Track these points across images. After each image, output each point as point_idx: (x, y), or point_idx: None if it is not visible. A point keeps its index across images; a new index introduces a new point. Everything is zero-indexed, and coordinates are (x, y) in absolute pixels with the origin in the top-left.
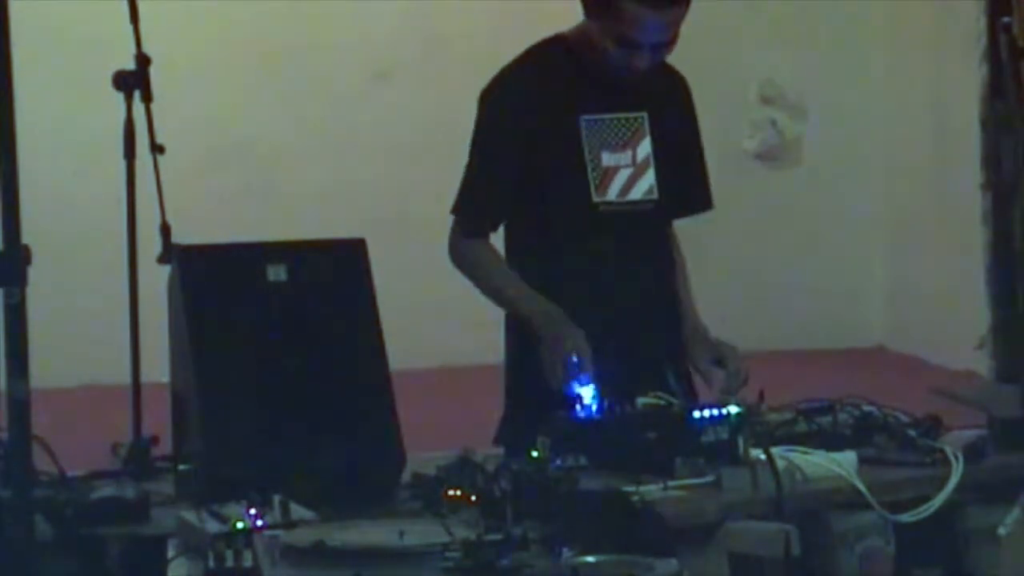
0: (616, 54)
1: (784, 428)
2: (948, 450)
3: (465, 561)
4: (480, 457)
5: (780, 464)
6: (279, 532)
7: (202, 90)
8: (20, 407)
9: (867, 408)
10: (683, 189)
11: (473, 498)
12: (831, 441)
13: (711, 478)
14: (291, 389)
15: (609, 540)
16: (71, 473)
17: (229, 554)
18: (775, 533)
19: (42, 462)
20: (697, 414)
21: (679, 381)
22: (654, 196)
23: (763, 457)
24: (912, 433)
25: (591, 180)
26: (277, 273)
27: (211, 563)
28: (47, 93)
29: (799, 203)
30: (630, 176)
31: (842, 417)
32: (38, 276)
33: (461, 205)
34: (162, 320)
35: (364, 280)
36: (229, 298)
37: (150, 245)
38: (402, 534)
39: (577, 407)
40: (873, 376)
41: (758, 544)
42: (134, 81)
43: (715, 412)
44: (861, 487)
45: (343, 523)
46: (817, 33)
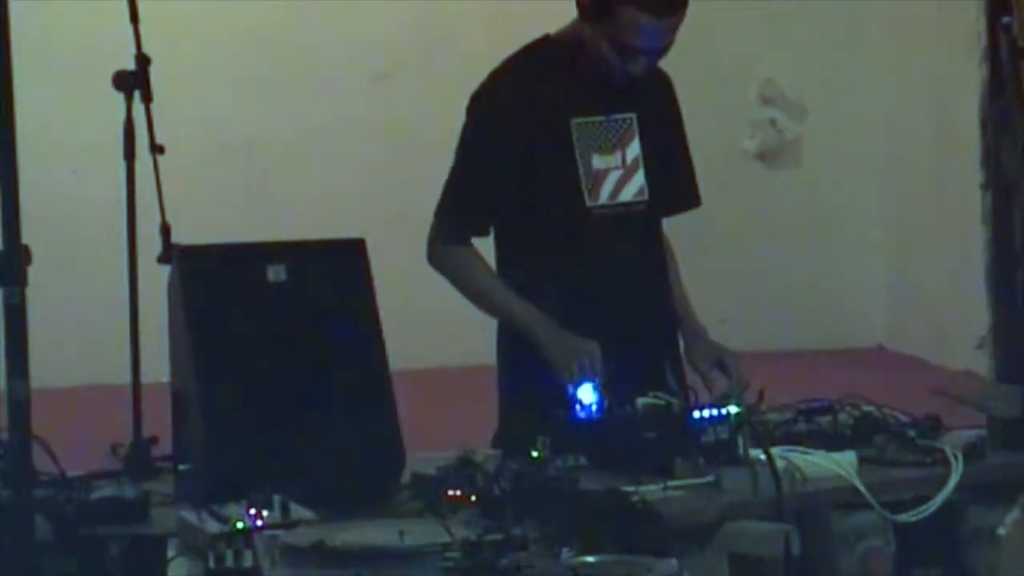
0: (613, 59)
1: (784, 428)
2: (948, 450)
3: (465, 561)
4: (480, 457)
5: (780, 464)
6: (279, 532)
7: (202, 90)
8: (20, 407)
9: (867, 408)
10: (671, 188)
11: (473, 498)
12: (831, 441)
13: (711, 478)
14: (291, 389)
15: (609, 540)
16: (71, 473)
17: (229, 554)
18: (775, 533)
19: (42, 462)
20: (697, 414)
21: (677, 381)
22: (645, 197)
23: (763, 457)
24: (912, 433)
25: (584, 184)
26: (277, 273)
27: (211, 563)
28: (47, 93)
29: (799, 203)
30: (620, 178)
31: (842, 417)
32: (38, 276)
33: (445, 209)
34: (162, 320)
35: (364, 280)
36: (229, 298)
37: (150, 245)
38: (402, 534)
39: (577, 407)
40: (873, 376)
41: (758, 544)
42: (134, 81)
43: (715, 412)
44: (861, 487)
45: (343, 523)
46: (817, 33)
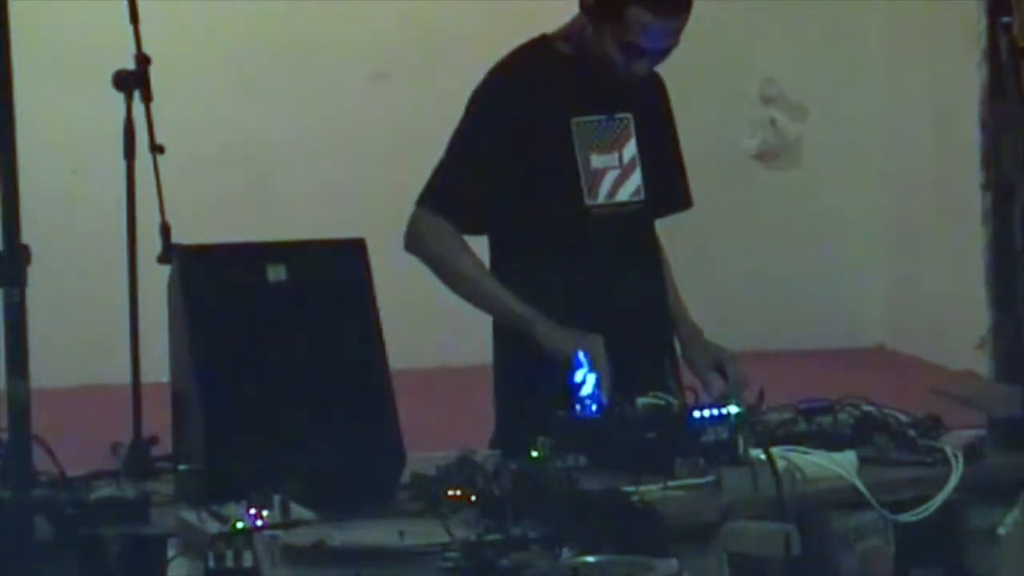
0: (617, 59)
1: (784, 428)
2: (948, 450)
3: (465, 561)
4: (480, 457)
5: (780, 464)
6: (279, 532)
7: (202, 90)
8: (20, 407)
9: (867, 408)
10: (664, 189)
11: (473, 498)
12: (831, 441)
13: (711, 478)
14: (291, 389)
15: (609, 540)
16: (71, 473)
17: (229, 554)
18: (775, 533)
19: (42, 462)
20: (697, 414)
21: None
22: (641, 197)
23: (763, 457)
24: (912, 433)
25: (583, 183)
26: (277, 273)
27: (211, 563)
28: (47, 93)
29: (799, 203)
30: (617, 177)
31: (842, 417)
32: (38, 276)
33: (433, 194)
34: (162, 320)
35: (364, 280)
36: (229, 298)
37: (150, 245)
38: (402, 534)
39: (577, 407)
40: (873, 376)
41: (758, 544)
42: (134, 81)
43: (715, 412)
44: (861, 487)
45: (343, 523)
46: (817, 33)
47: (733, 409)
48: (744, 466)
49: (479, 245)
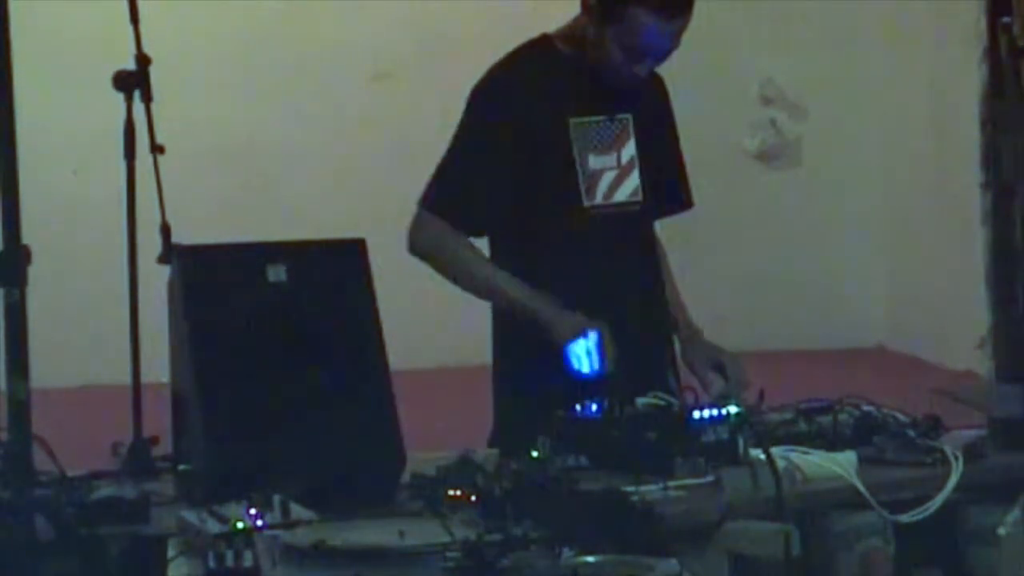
0: (618, 60)
1: (784, 428)
2: (948, 450)
3: (465, 561)
4: (480, 457)
5: (780, 464)
6: (279, 532)
7: (202, 90)
8: (20, 407)
9: (867, 408)
10: (664, 189)
11: (473, 498)
12: (831, 441)
13: (711, 478)
14: (291, 389)
15: (609, 540)
16: (71, 473)
17: (229, 554)
18: (775, 533)
19: (42, 462)
20: (697, 414)
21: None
22: (639, 198)
23: (763, 457)
24: (912, 433)
25: (581, 184)
26: (277, 273)
27: (211, 563)
28: (47, 93)
29: (799, 203)
30: (615, 178)
31: (842, 417)
32: (38, 276)
33: (434, 196)
34: (162, 320)
35: (364, 280)
36: (229, 298)
37: (150, 245)
38: (402, 534)
39: (577, 407)
40: (873, 376)
41: (758, 544)
42: (134, 81)
43: (715, 412)
44: (861, 487)
45: (343, 523)
46: (817, 33)
47: (733, 409)
48: (744, 466)
49: (479, 245)
